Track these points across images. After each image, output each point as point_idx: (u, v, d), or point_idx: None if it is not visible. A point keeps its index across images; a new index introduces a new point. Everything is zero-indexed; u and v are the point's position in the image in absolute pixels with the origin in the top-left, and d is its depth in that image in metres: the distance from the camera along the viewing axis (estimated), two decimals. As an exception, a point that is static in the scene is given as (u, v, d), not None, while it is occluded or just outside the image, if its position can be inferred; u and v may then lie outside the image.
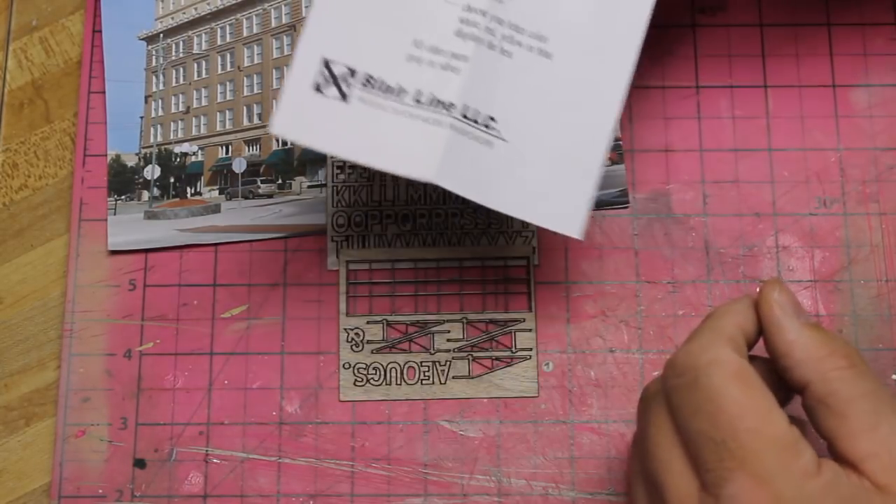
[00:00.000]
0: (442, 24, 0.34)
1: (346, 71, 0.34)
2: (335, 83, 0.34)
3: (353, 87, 0.34)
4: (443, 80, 0.34)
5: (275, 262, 0.41)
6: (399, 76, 0.34)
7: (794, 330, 0.30)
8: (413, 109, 0.34)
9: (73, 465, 0.39)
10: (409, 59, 0.34)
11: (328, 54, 0.34)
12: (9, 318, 0.41)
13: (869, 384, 0.29)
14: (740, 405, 0.27)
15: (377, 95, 0.34)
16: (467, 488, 0.38)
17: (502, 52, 0.35)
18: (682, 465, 0.28)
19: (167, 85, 0.44)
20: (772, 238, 0.41)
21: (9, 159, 0.43)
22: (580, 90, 0.35)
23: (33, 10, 0.45)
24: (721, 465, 0.27)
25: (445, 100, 0.34)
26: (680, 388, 0.29)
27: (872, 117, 0.42)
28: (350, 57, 0.34)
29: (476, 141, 0.34)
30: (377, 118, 0.34)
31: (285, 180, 0.43)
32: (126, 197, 0.42)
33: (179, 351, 0.40)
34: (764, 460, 0.27)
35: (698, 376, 0.28)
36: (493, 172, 0.34)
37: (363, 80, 0.34)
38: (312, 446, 0.39)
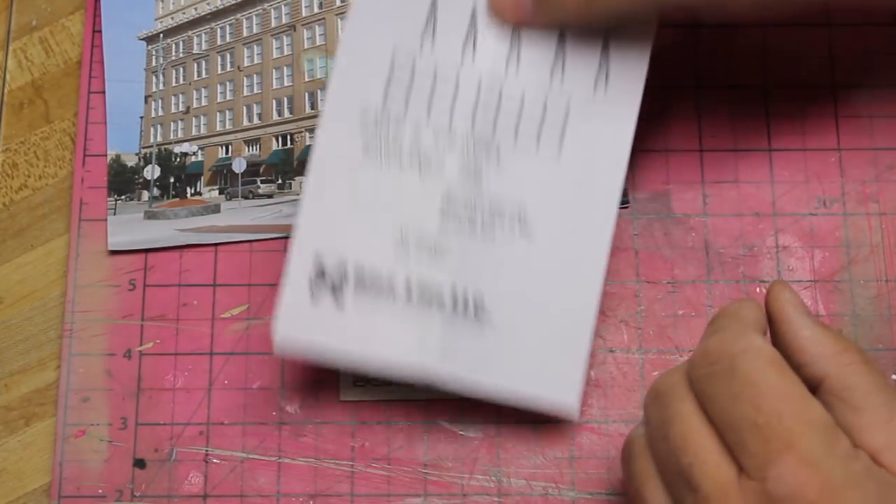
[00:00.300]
0: (425, 215, 0.35)
1: (339, 271, 0.35)
2: (329, 276, 0.35)
3: (346, 291, 0.35)
4: (430, 269, 0.35)
5: (275, 262, 0.41)
6: (388, 268, 0.35)
7: (809, 326, 0.31)
8: (405, 307, 0.35)
9: (73, 465, 0.39)
10: (396, 251, 0.35)
11: (319, 248, 0.35)
12: (9, 318, 0.41)
13: (881, 379, 0.30)
14: (781, 389, 0.28)
15: (370, 296, 0.35)
16: (467, 488, 0.38)
17: (484, 236, 0.36)
18: (717, 453, 0.28)
19: (167, 85, 0.44)
20: (772, 238, 0.41)
21: (9, 159, 0.43)
22: (563, 268, 0.36)
23: (33, 10, 0.45)
24: (766, 447, 0.27)
25: (434, 289, 0.35)
26: (715, 376, 0.29)
27: (872, 117, 0.42)
28: (340, 251, 0.35)
29: (468, 325, 0.36)
30: (372, 322, 0.35)
31: (285, 180, 0.43)
32: (126, 197, 0.42)
33: (179, 351, 0.40)
34: (810, 442, 0.27)
35: (735, 363, 0.28)
36: (486, 352, 0.36)
37: (355, 279, 0.35)
38: (312, 446, 0.39)
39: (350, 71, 0.36)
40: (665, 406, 0.30)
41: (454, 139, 0.35)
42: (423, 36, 0.36)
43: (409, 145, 0.35)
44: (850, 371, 0.30)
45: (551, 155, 0.36)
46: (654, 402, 0.31)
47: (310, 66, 0.44)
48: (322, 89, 0.43)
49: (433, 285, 0.35)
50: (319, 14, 0.45)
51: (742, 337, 0.29)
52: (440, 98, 0.35)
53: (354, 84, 0.36)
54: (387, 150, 0.35)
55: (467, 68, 0.35)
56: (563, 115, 0.36)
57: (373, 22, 0.36)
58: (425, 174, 0.35)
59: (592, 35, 0.35)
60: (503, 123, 0.35)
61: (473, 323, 0.36)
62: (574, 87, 0.36)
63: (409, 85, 0.35)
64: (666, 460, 0.30)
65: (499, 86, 0.35)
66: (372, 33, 0.36)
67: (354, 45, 0.36)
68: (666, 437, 0.29)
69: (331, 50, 0.44)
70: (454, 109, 0.35)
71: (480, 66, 0.36)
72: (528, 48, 0.35)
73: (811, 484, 0.26)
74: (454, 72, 0.35)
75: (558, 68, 0.35)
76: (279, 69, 0.44)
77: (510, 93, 0.36)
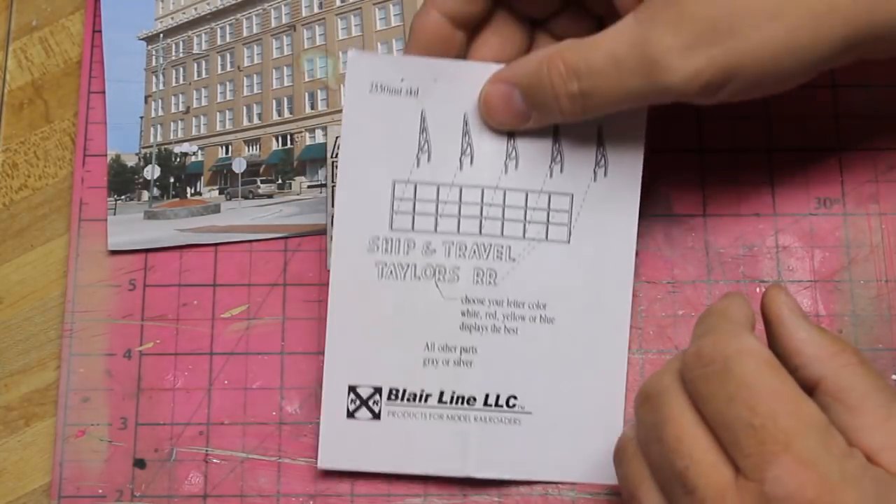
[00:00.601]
0: (447, 322, 0.36)
1: (372, 390, 0.36)
2: (365, 405, 0.36)
3: (381, 403, 0.36)
4: (459, 375, 0.36)
5: (275, 262, 0.41)
6: (420, 382, 0.36)
7: (805, 329, 0.31)
8: (440, 410, 0.36)
9: (73, 465, 0.39)
10: (424, 364, 0.36)
11: (352, 381, 0.37)
12: (9, 318, 0.41)
13: (878, 379, 0.30)
14: (776, 390, 0.28)
15: (405, 405, 0.36)
16: (467, 488, 0.38)
17: (507, 331, 0.36)
18: (713, 455, 0.28)
19: (167, 85, 0.44)
20: (772, 238, 0.41)
21: (9, 159, 0.43)
22: (587, 347, 0.37)
23: (33, 10, 0.45)
24: (762, 448, 0.27)
25: (466, 394, 0.36)
26: (709, 377, 0.28)
27: (872, 117, 0.42)
28: (372, 377, 0.36)
29: (503, 424, 0.37)
30: (409, 426, 0.36)
31: (285, 180, 0.43)
32: (126, 197, 0.42)
33: (179, 351, 0.40)
34: (806, 442, 0.27)
35: (729, 364, 0.28)
36: (524, 447, 0.37)
37: (388, 395, 0.36)
38: (312, 446, 0.39)
39: (352, 205, 0.37)
40: (657, 408, 0.30)
41: (464, 246, 0.36)
42: (419, 156, 0.36)
43: (422, 258, 0.36)
44: (847, 372, 0.29)
45: (561, 241, 0.36)
46: (645, 404, 0.31)
47: (310, 66, 0.44)
48: (322, 89, 0.43)
49: (464, 391, 0.36)
50: (319, 14, 0.45)
51: (736, 337, 0.29)
52: (445, 210, 0.36)
53: (359, 217, 0.37)
54: (400, 267, 0.36)
55: (467, 176, 0.36)
56: (567, 205, 0.36)
57: (366, 157, 0.36)
58: (441, 283, 0.36)
59: (586, 127, 0.36)
60: (510, 223, 0.36)
61: (508, 420, 0.37)
62: (574, 179, 0.36)
63: (413, 205, 0.36)
64: (660, 463, 0.29)
65: (500, 188, 0.36)
66: (367, 168, 0.36)
67: (353, 182, 0.36)
68: (659, 439, 0.29)
69: (331, 50, 0.44)
70: (460, 218, 0.36)
71: (479, 172, 0.36)
72: (524, 148, 0.36)
73: (809, 484, 0.26)
74: (454, 182, 0.36)
75: (556, 163, 0.36)
76: (279, 69, 0.44)
77: (512, 193, 0.36)
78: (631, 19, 0.31)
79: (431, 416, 0.36)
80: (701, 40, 0.30)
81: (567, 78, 0.32)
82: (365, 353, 0.37)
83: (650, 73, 0.30)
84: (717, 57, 0.30)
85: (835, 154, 0.41)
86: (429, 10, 0.35)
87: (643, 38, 0.30)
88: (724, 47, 0.29)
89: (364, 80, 0.36)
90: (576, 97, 0.32)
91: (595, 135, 0.36)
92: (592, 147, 0.36)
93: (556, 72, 0.32)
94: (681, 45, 0.30)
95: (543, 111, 0.34)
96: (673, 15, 0.30)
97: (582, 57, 0.31)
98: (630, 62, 0.30)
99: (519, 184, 0.36)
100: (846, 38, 0.30)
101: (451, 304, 0.36)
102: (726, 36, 0.29)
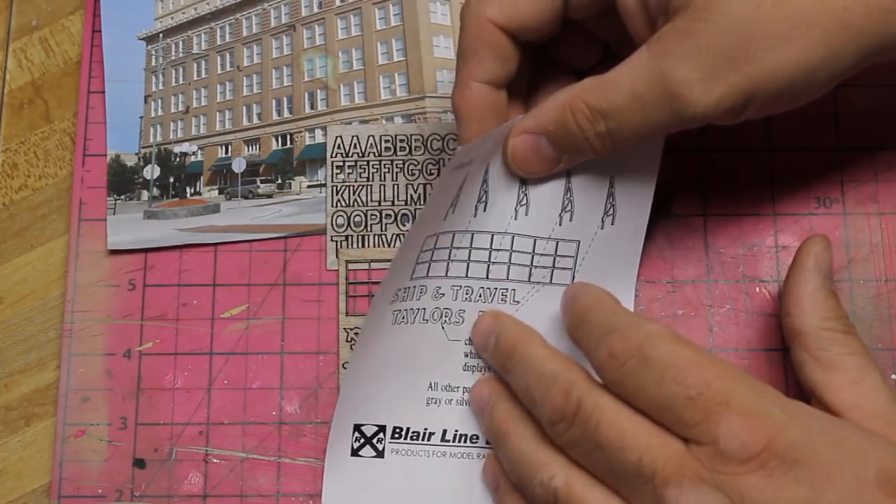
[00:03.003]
0: (451, 363, 0.36)
1: (377, 428, 0.37)
2: (369, 443, 0.37)
3: (384, 442, 0.36)
4: (463, 414, 0.36)
5: (275, 262, 0.41)
6: (423, 421, 0.36)
7: (816, 286, 0.33)
8: (443, 448, 0.36)
9: (73, 465, 0.39)
10: (427, 404, 0.36)
11: (358, 419, 0.37)
12: (9, 318, 0.41)
13: (860, 348, 0.32)
14: (696, 360, 0.29)
15: (408, 444, 0.36)
16: (467, 488, 0.38)
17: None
18: (660, 436, 0.29)
19: (167, 85, 0.44)
20: (772, 238, 0.41)
21: (9, 159, 0.43)
22: None
23: (33, 10, 0.45)
24: (706, 413, 0.28)
25: (469, 432, 0.36)
26: (632, 371, 0.29)
27: (872, 117, 0.42)
28: (377, 416, 0.37)
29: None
30: (412, 465, 0.36)
31: (285, 180, 0.43)
32: (126, 197, 0.42)
33: (179, 351, 0.40)
34: (743, 395, 0.28)
35: (645, 352, 0.29)
36: None
37: (392, 433, 0.36)
38: (312, 446, 0.39)
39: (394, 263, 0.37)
40: (584, 420, 0.30)
41: (471, 290, 0.36)
42: (448, 210, 0.36)
43: (431, 302, 0.36)
44: (829, 335, 0.32)
45: (565, 284, 0.36)
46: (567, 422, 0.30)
47: (309, 66, 0.44)
48: (322, 89, 0.43)
49: (468, 429, 0.36)
50: (319, 14, 0.45)
51: (638, 327, 0.30)
52: (456, 256, 0.36)
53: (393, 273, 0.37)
54: (411, 312, 0.36)
55: (479, 222, 0.36)
56: (573, 251, 0.36)
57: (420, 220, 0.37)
58: (447, 326, 0.36)
59: (599, 177, 0.36)
60: (516, 267, 0.36)
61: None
62: (583, 226, 0.36)
63: (431, 254, 0.36)
64: (608, 467, 0.30)
65: (510, 233, 0.36)
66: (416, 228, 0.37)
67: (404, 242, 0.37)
68: (599, 445, 0.30)
69: (330, 50, 0.44)
70: (469, 263, 0.36)
71: (491, 219, 0.36)
72: (536, 196, 0.36)
73: (758, 430, 0.27)
74: (467, 229, 0.36)
75: (567, 212, 0.36)
76: (279, 69, 0.44)
77: (521, 239, 0.36)
78: (645, 53, 0.31)
79: (435, 454, 0.36)
80: (719, 70, 0.30)
81: (593, 120, 0.32)
82: (371, 393, 0.37)
83: (674, 106, 0.30)
84: (737, 83, 0.30)
85: (835, 154, 0.41)
86: (467, 84, 0.35)
87: (661, 73, 0.30)
88: (742, 73, 0.30)
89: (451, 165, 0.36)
90: (604, 136, 0.32)
91: (607, 184, 0.36)
92: (603, 196, 0.36)
93: (581, 115, 0.32)
94: (699, 76, 0.30)
95: (573, 153, 0.34)
96: (688, 47, 0.30)
97: (604, 97, 0.31)
98: (652, 98, 0.30)
99: (528, 230, 0.36)
100: (860, 52, 0.30)
101: (454, 346, 0.36)
102: (743, 62, 0.29)
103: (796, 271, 0.34)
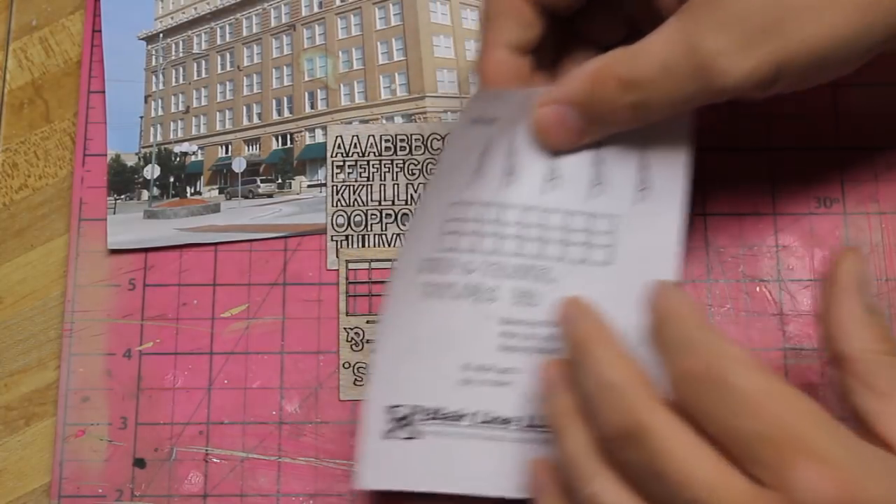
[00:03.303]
0: (485, 342, 0.35)
1: (410, 410, 0.35)
2: (402, 425, 0.35)
3: (417, 423, 0.35)
4: (497, 396, 0.35)
5: (275, 261, 0.41)
6: (456, 402, 0.35)
7: (859, 307, 0.30)
8: (477, 430, 0.35)
9: (73, 465, 0.39)
10: (461, 385, 0.35)
11: (390, 401, 0.35)
12: (9, 318, 0.41)
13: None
14: (774, 393, 0.27)
15: (441, 425, 0.35)
16: (467, 488, 0.38)
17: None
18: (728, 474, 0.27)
19: (167, 85, 0.44)
20: (772, 237, 0.41)
21: (9, 159, 0.43)
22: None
23: (33, 10, 0.45)
24: (779, 454, 0.26)
25: (504, 415, 0.35)
26: (706, 395, 0.28)
27: (872, 117, 0.42)
28: (409, 397, 0.35)
29: (544, 444, 0.35)
30: (446, 446, 0.35)
31: (285, 180, 0.43)
32: (126, 196, 0.42)
33: (179, 350, 0.40)
34: (818, 439, 0.26)
35: (724, 378, 0.27)
36: None
37: (425, 415, 0.35)
38: (312, 446, 0.39)
39: (413, 230, 0.36)
40: (645, 442, 0.28)
41: (503, 267, 0.35)
42: (471, 178, 0.35)
43: (462, 279, 0.35)
44: (882, 360, 0.29)
45: (602, 263, 0.35)
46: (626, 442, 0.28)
47: (310, 66, 0.44)
48: (322, 88, 0.43)
49: (502, 411, 0.35)
50: (319, 14, 0.45)
51: (720, 349, 0.28)
52: (486, 232, 0.35)
53: (416, 240, 0.36)
54: (440, 287, 0.35)
55: (508, 196, 0.35)
56: (609, 226, 0.35)
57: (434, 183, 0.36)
58: (479, 304, 0.35)
59: (628, 149, 0.35)
60: (550, 244, 0.35)
61: (548, 441, 0.35)
62: (616, 200, 0.35)
63: (459, 229, 0.35)
64: (664, 498, 0.28)
65: (540, 208, 0.35)
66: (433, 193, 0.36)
67: (421, 206, 0.36)
68: (659, 474, 0.28)
69: (330, 49, 0.44)
70: (500, 239, 0.35)
71: (520, 192, 0.35)
72: (565, 169, 0.35)
73: (834, 483, 0.25)
74: (495, 202, 0.35)
75: (597, 183, 0.35)
76: (279, 69, 0.44)
77: (553, 214, 0.35)
78: (675, 24, 0.30)
79: (468, 437, 0.35)
80: (750, 41, 0.29)
81: (623, 90, 0.31)
82: (403, 373, 0.36)
83: (704, 78, 0.30)
84: (768, 55, 0.29)
85: (835, 154, 0.41)
86: (490, 48, 0.35)
87: (692, 43, 0.30)
88: (774, 45, 0.29)
89: (469, 115, 0.35)
90: (634, 107, 0.32)
91: (637, 157, 0.35)
92: (634, 168, 0.35)
93: (610, 86, 0.32)
94: (731, 47, 0.29)
95: (602, 125, 0.33)
96: (719, 17, 0.29)
97: (633, 68, 0.31)
98: (682, 68, 0.30)
99: (559, 204, 0.35)
100: (888, 28, 0.30)
101: (488, 325, 0.35)
102: (774, 33, 0.29)
103: (835, 292, 0.30)
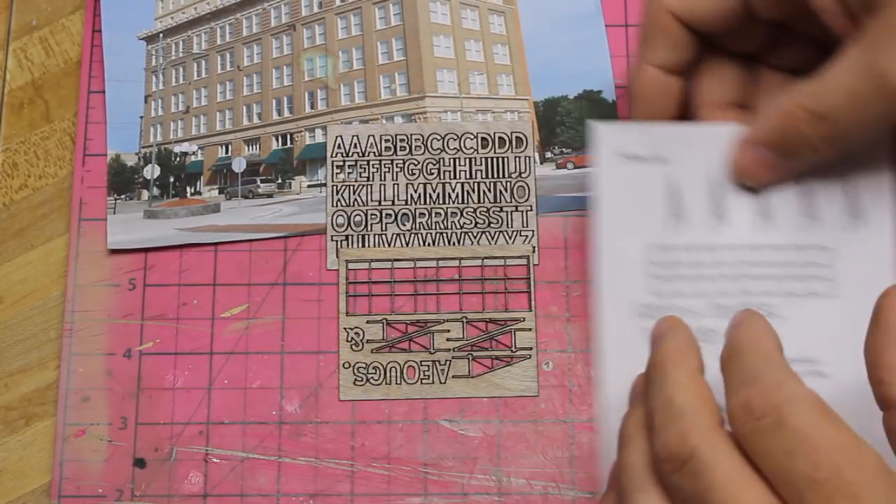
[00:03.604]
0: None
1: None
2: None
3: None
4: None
5: (275, 261, 0.41)
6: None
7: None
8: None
9: (73, 465, 0.39)
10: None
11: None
12: (9, 318, 0.41)
13: None
14: (835, 440, 0.26)
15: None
16: (467, 487, 0.38)
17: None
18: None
19: (167, 85, 0.44)
20: (772, 237, 0.40)
21: (9, 159, 0.43)
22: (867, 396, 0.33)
23: (33, 10, 0.45)
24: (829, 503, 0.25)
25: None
26: (764, 431, 0.27)
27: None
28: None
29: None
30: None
31: (285, 180, 0.43)
32: (126, 196, 0.42)
33: (179, 350, 0.40)
34: (873, 493, 0.26)
35: (783, 415, 0.27)
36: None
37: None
38: (312, 446, 0.39)
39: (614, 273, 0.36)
40: (699, 472, 0.27)
41: (728, 308, 0.35)
42: (669, 220, 0.36)
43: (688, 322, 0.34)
44: None
45: (825, 295, 0.35)
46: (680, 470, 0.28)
47: (309, 66, 0.44)
48: (322, 88, 0.43)
49: None
50: (319, 14, 0.45)
51: (784, 385, 0.27)
52: (703, 272, 0.36)
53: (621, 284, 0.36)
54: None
55: (720, 237, 0.36)
56: (825, 257, 0.36)
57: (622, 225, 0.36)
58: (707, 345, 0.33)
59: (834, 173, 0.35)
60: (770, 280, 0.35)
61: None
62: (829, 228, 0.36)
63: (670, 270, 0.36)
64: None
65: (757, 247, 0.36)
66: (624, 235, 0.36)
67: (613, 250, 0.36)
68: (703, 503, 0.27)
69: (330, 49, 0.44)
70: (718, 279, 0.35)
71: (732, 232, 0.36)
72: (775, 204, 0.36)
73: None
74: (708, 244, 0.36)
75: (808, 215, 0.36)
76: (279, 69, 0.44)
77: (770, 250, 0.36)
78: (857, 51, 0.31)
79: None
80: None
81: (815, 124, 0.32)
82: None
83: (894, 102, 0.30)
84: None
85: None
86: (642, 67, 0.36)
87: (878, 70, 0.30)
88: None
89: (612, 149, 0.36)
90: (828, 138, 0.32)
91: (841, 185, 0.36)
92: (840, 194, 0.36)
93: (803, 121, 0.32)
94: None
95: (799, 158, 0.34)
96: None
97: (822, 100, 0.32)
98: (871, 96, 0.31)
99: (775, 240, 0.36)
100: None
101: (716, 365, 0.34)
102: None
103: (882, 334, 0.29)
